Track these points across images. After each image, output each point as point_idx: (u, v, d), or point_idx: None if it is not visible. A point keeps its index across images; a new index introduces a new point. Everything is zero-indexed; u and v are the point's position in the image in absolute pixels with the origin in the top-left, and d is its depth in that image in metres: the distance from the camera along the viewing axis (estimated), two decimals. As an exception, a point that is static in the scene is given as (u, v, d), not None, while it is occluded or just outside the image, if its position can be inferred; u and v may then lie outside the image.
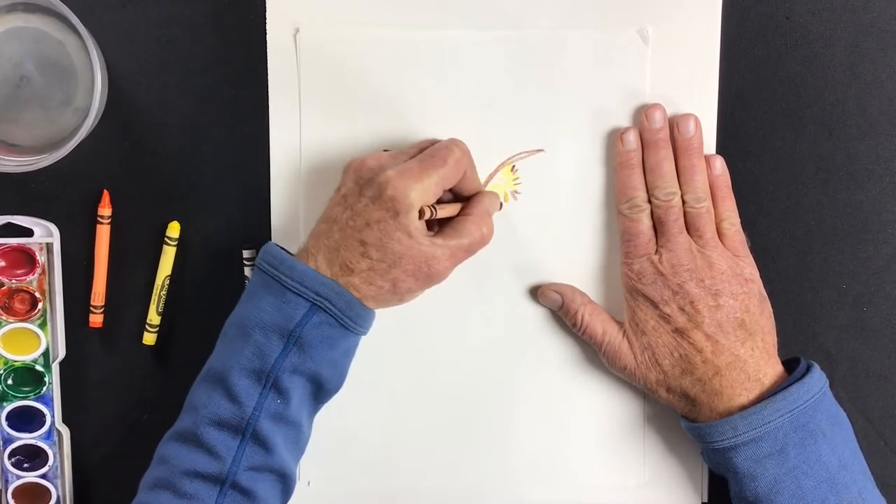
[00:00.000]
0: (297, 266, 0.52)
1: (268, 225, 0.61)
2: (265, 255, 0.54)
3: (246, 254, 0.60)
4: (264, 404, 0.51)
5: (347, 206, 0.53)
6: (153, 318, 0.61)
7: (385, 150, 0.57)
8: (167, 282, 0.61)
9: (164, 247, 0.61)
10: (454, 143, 0.55)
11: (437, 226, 0.56)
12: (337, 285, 0.52)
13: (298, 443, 0.54)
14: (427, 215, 0.53)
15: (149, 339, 0.61)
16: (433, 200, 0.53)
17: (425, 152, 0.54)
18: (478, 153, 0.60)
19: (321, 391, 0.54)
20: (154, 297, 0.61)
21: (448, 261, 0.53)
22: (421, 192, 0.52)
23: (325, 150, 0.60)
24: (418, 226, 0.52)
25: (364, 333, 0.54)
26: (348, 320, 0.52)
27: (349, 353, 0.55)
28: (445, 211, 0.55)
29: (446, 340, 0.61)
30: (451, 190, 0.56)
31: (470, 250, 0.55)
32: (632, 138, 0.59)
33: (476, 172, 0.57)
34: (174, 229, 0.60)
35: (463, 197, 0.57)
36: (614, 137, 0.60)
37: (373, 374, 0.61)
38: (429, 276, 0.53)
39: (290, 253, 0.54)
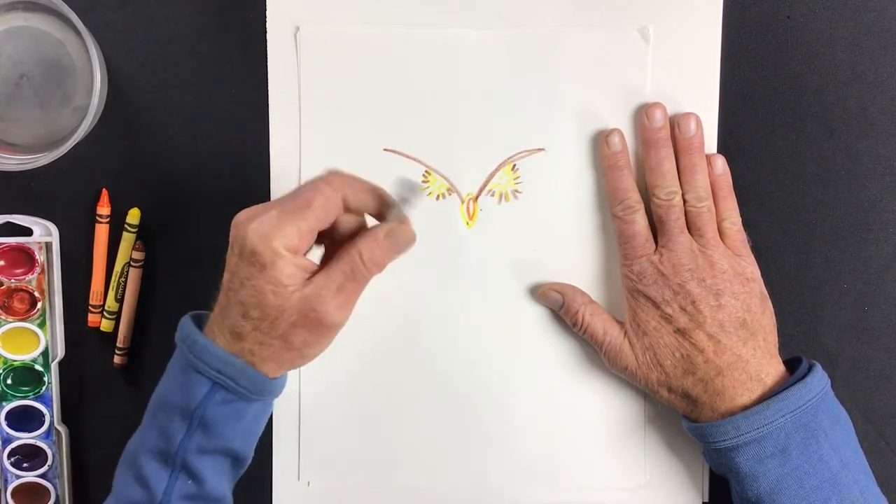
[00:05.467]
0: (198, 341, 0.50)
1: (268, 224, 0.61)
2: (180, 327, 0.52)
3: None
4: (175, 487, 0.50)
5: (228, 269, 0.50)
6: (111, 304, 0.61)
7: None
8: (126, 269, 0.61)
9: (124, 233, 0.60)
10: (323, 182, 0.50)
11: None
12: (239, 361, 0.49)
13: None
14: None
15: (106, 325, 0.61)
16: (306, 245, 0.49)
17: (288, 195, 0.50)
18: (478, 153, 0.60)
19: (238, 461, 0.52)
20: (112, 285, 0.60)
21: (334, 298, 0.48)
22: (284, 238, 0.48)
23: (325, 150, 0.60)
24: (291, 272, 0.48)
25: (274, 398, 0.53)
26: (252, 394, 0.50)
27: (260, 417, 0.53)
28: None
29: (446, 340, 0.61)
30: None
31: (355, 278, 0.49)
32: (616, 140, 0.59)
33: (367, 198, 0.51)
34: (134, 216, 0.60)
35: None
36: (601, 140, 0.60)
37: (373, 374, 0.61)
38: (319, 322, 0.49)
39: (202, 324, 0.52)
